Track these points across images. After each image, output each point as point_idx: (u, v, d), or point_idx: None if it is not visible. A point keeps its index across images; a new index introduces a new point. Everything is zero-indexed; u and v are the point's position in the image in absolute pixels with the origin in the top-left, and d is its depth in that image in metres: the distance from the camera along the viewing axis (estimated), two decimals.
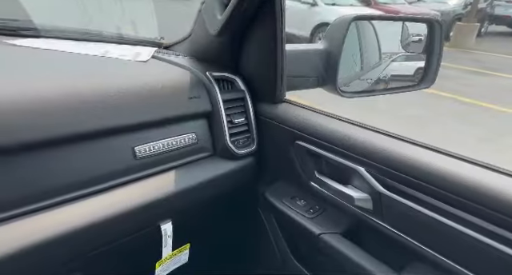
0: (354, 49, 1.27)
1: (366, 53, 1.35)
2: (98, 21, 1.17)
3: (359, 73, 1.33)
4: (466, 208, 0.62)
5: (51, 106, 0.68)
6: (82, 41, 0.98)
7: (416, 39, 1.19)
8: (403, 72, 1.42)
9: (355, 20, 1.03)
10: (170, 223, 0.87)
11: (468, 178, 0.62)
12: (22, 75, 0.71)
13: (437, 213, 0.66)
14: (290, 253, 1.01)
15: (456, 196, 0.63)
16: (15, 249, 0.62)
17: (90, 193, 0.73)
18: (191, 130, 0.91)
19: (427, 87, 1.08)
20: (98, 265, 0.80)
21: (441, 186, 0.65)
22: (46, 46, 0.88)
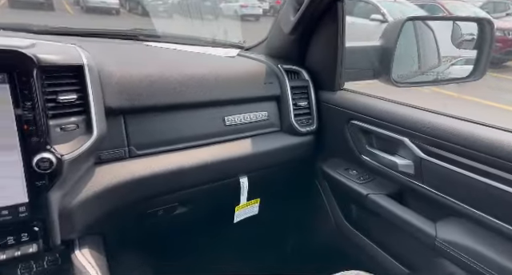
0: (411, 49, 1.41)
1: (423, 54, 1.48)
2: (200, 31, 1.52)
3: (416, 72, 1.45)
4: (496, 165, 0.74)
5: (176, 82, 0.98)
6: (190, 45, 1.32)
7: (469, 38, 1.29)
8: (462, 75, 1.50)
9: (409, 20, 1.19)
10: (246, 178, 1.11)
11: (502, 141, 0.74)
12: (157, 61, 1.04)
13: (471, 172, 0.79)
14: (342, 217, 1.18)
15: (486, 155, 0.75)
16: (148, 173, 0.91)
17: (195, 145, 1.01)
18: (264, 109, 1.16)
19: (476, 80, 1.17)
20: (194, 200, 1.07)
21: (474, 148, 0.78)
22: (167, 46, 1.23)
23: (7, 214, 0.70)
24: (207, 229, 1.28)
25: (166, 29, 1.36)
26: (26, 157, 0.70)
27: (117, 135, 0.88)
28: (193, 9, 14.07)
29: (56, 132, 0.75)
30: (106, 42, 1.16)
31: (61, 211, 0.76)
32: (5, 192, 0.70)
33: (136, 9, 13.51)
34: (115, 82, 0.86)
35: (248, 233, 1.28)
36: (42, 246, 0.74)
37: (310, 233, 1.36)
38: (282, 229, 1.41)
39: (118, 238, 0.94)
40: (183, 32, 1.41)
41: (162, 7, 13.39)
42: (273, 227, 1.28)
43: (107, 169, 0.86)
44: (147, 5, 13.16)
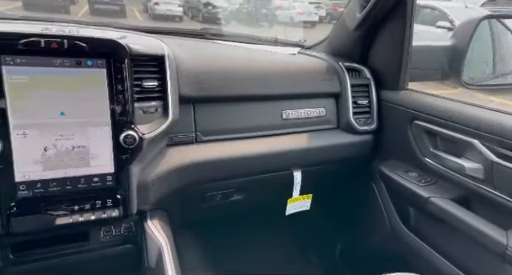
0: (486, 50, 1.32)
1: (500, 55, 1.37)
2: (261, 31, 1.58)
3: (490, 74, 1.35)
4: None
5: (241, 76, 1.03)
6: (252, 43, 1.38)
7: None
8: None
9: (486, 18, 1.11)
10: (300, 172, 1.12)
11: None
12: (224, 56, 1.11)
13: None
14: (398, 220, 1.13)
15: None
16: (210, 158, 0.97)
17: (253, 136, 1.05)
18: (322, 105, 1.16)
19: None
20: (249, 188, 1.11)
21: None
22: (232, 44, 1.30)
23: (98, 181, 0.81)
24: (259, 218, 1.31)
25: (230, 29, 1.44)
26: (115, 134, 0.80)
27: (186, 121, 0.96)
28: (250, 16, 14.51)
29: (139, 114, 0.85)
30: (179, 39, 1.26)
31: (138, 183, 0.86)
32: (97, 161, 0.80)
33: (197, 16, 14.33)
34: (189, 73, 0.94)
35: (298, 227, 1.28)
36: (122, 212, 0.83)
37: (362, 235, 1.32)
38: (332, 228, 1.39)
39: (179, 216, 1.02)
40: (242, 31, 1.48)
41: (221, 15, 14.05)
42: (323, 225, 1.27)
43: (177, 151, 0.95)
44: (207, 12, 13.88)
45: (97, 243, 0.88)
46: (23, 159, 0.74)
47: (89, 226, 0.87)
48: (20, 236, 0.78)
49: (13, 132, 0.72)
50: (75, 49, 0.75)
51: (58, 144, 0.78)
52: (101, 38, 0.80)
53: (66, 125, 0.77)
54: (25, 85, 0.73)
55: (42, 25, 0.86)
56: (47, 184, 0.77)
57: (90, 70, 0.78)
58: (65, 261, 0.85)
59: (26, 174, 0.75)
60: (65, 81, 0.77)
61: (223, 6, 14.19)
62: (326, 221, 1.35)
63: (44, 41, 0.73)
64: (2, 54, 0.70)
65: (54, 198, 0.78)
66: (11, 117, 0.72)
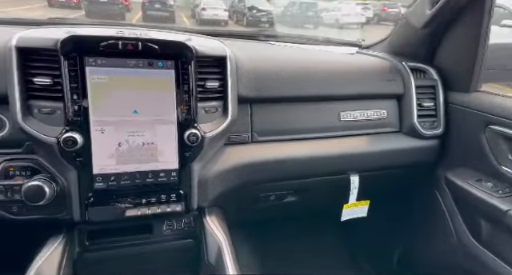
0: None
1: None
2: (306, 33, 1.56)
3: None
4: None
5: (298, 76, 1.02)
6: (307, 44, 1.37)
7: None
8: None
9: None
10: (357, 177, 1.08)
11: None
12: (281, 57, 1.11)
13: None
14: (467, 232, 1.03)
15: None
16: (265, 159, 0.97)
17: (310, 137, 1.04)
18: (383, 107, 1.11)
19: None
20: (304, 191, 1.10)
21: None
22: (289, 45, 1.30)
23: (163, 176, 0.85)
24: (311, 221, 1.29)
25: (283, 30, 1.44)
26: (179, 132, 0.84)
27: (243, 121, 0.97)
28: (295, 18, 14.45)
29: (201, 113, 0.87)
30: (235, 41, 1.29)
31: (199, 180, 0.89)
32: (164, 158, 0.84)
33: (242, 20, 14.60)
34: (247, 74, 0.95)
35: (351, 232, 1.24)
36: (184, 207, 0.86)
37: (423, 244, 1.23)
38: (390, 237, 1.32)
39: (234, 214, 1.03)
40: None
41: (265, 18, 14.18)
42: (378, 231, 1.21)
43: (234, 150, 0.96)
44: (251, 16, 14.08)
45: (159, 236, 0.92)
46: (100, 153, 0.80)
47: (153, 219, 0.91)
48: (94, 224, 0.84)
49: (92, 128, 0.78)
50: (147, 50, 0.80)
51: (130, 140, 0.82)
52: (171, 40, 0.84)
53: (137, 123, 0.82)
54: (104, 85, 0.79)
55: (115, 29, 0.92)
56: (119, 177, 0.82)
57: (160, 71, 0.82)
58: (131, 251, 0.90)
59: (102, 167, 0.81)
60: (138, 81, 0.82)
61: (268, 10, 14.30)
62: (382, 228, 1.28)
63: (121, 43, 0.78)
64: (86, 56, 0.76)
65: (124, 191, 0.83)
66: (92, 114, 0.78)
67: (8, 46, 0.74)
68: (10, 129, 0.79)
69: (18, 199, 0.76)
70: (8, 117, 0.79)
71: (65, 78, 0.75)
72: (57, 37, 0.75)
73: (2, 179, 0.77)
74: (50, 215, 0.80)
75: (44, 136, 0.75)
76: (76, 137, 0.76)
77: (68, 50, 0.74)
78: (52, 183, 0.78)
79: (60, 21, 1.13)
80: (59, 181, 0.79)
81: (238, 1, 15.00)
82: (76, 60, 0.75)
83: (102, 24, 1.08)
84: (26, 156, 0.80)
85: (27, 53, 0.75)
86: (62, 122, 0.77)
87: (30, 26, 0.97)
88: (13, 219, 0.77)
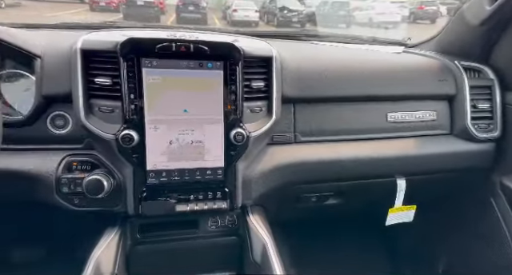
0: None
1: None
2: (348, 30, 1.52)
3: None
4: None
5: (343, 76, 1.01)
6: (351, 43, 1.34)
7: None
8: None
9: None
10: (404, 180, 1.05)
11: None
12: (325, 57, 1.10)
13: None
14: None
15: None
16: (308, 159, 0.97)
17: (355, 139, 1.02)
18: (432, 108, 1.06)
19: None
20: (346, 193, 1.08)
21: None
22: (332, 44, 1.28)
23: (210, 174, 0.87)
24: (353, 225, 1.26)
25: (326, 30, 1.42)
26: (226, 131, 0.85)
27: (286, 121, 0.98)
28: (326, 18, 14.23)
29: (246, 113, 0.89)
30: (278, 41, 1.29)
31: (243, 179, 0.90)
32: (210, 156, 0.87)
33: (272, 21, 14.61)
34: (292, 74, 0.95)
35: (396, 239, 1.20)
36: (229, 205, 0.88)
37: (474, 255, 1.16)
38: (437, 246, 1.26)
39: (274, 214, 1.03)
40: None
41: (296, 18, 14.09)
42: (426, 240, 1.16)
43: (276, 150, 0.96)
44: (282, 16, 14.05)
45: (205, 232, 0.95)
46: (153, 150, 0.84)
47: (199, 215, 0.93)
48: (146, 218, 0.88)
49: (147, 126, 0.82)
50: (198, 52, 0.82)
51: (181, 138, 0.85)
52: (220, 42, 0.86)
53: (187, 122, 0.85)
54: (158, 85, 0.82)
55: (166, 31, 0.96)
56: (170, 173, 0.85)
57: (209, 72, 0.85)
58: (178, 246, 0.93)
59: (155, 164, 0.84)
60: (189, 81, 0.84)
61: (299, 10, 14.19)
62: (428, 235, 1.23)
63: (175, 45, 0.80)
64: (143, 57, 0.80)
65: (174, 187, 0.86)
66: (147, 113, 0.82)
67: (73, 49, 0.79)
68: (72, 126, 0.85)
69: (80, 191, 0.81)
70: (71, 115, 0.84)
71: (123, 79, 0.79)
72: (116, 39, 0.79)
73: (66, 173, 0.82)
74: (106, 208, 0.84)
75: (103, 133, 0.80)
76: (133, 135, 0.80)
77: (126, 52, 0.78)
78: (109, 177, 0.82)
79: (112, 24, 1.19)
80: (116, 175, 0.84)
81: (270, 2, 15.02)
82: (134, 61, 0.79)
83: (151, 27, 1.12)
84: (86, 151, 0.85)
85: (90, 55, 0.80)
86: (119, 120, 0.81)
87: (88, 30, 1.03)
88: (74, 210, 0.83)
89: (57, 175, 0.81)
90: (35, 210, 0.86)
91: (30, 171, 0.80)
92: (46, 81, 0.81)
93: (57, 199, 0.81)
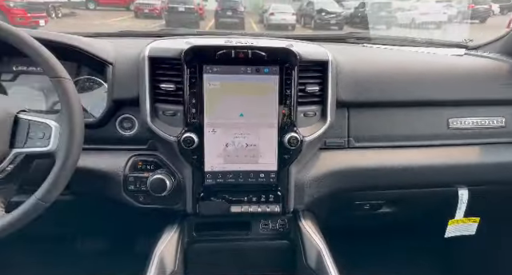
0: None
1: None
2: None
3: None
4: None
5: (400, 80, 0.98)
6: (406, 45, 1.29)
7: None
8: None
9: None
10: (467, 191, 0.99)
11: None
12: (380, 60, 1.07)
13: None
14: None
15: None
16: (362, 166, 0.95)
17: (413, 145, 0.98)
18: (500, 114, 0.99)
19: None
20: (402, 202, 1.04)
21: None
22: (384, 47, 1.24)
23: (263, 177, 0.88)
24: (408, 236, 1.21)
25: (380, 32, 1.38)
26: (280, 135, 0.86)
27: (340, 126, 0.96)
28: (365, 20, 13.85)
29: (300, 117, 0.89)
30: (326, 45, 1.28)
31: (296, 184, 0.90)
32: (264, 159, 0.88)
33: (309, 23, 14.49)
34: (347, 78, 0.94)
35: (455, 252, 1.13)
36: (281, 209, 0.89)
37: None
38: (500, 263, 1.17)
39: (324, 220, 1.02)
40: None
41: (333, 20, 13.85)
42: (488, 256, 1.08)
43: (329, 156, 0.95)
44: (320, 19, 13.88)
45: (256, 234, 0.96)
46: (211, 153, 0.86)
47: (251, 217, 0.95)
48: (202, 217, 0.91)
49: (206, 129, 0.85)
50: (256, 57, 0.84)
51: (236, 141, 0.87)
52: (277, 47, 0.87)
53: (243, 126, 0.87)
54: (217, 91, 0.85)
55: (222, 38, 0.99)
56: (225, 175, 0.88)
57: (266, 77, 0.86)
58: (231, 246, 0.95)
59: (212, 165, 0.87)
60: (246, 86, 0.86)
61: (337, 12, 13.95)
62: (490, 251, 1.14)
63: (234, 52, 0.83)
64: (204, 64, 0.83)
65: (229, 189, 0.88)
66: (206, 117, 0.85)
67: (142, 56, 0.85)
68: (138, 128, 0.90)
69: (144, 189, 0.86)
70: (137, 118, 0.90)
71: (186, 85, 0.82)
72: (180, 47, 0.83)
73: (133, 171, 0.88)
74: (167, 206, 0.89)
75: (167, 135, 0.84)
76: (193, 137, 0.83)
77: (189, 59, 0.82)
78: (171, 177, 0.87)
79: (169, 31, 1.25)
80: (176, 175, 0.88)
81: (307, 5, 14.92)
82: (196, 68, 0.83)
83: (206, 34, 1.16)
84: (150, 152, 0.90)
85: (156, 62, 0.85)
86: (181, 123, 0.85)
87: (149, 37, 1.10)
88: (138, 207, 0.88)
89: (124, 173, 0.87)
90: (104, 206, 0.92)
91: (102, 169, 0.86)
92: (117, 86, 0.87)
93: (124, 196, 0.87)
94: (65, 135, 0.65)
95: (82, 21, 12.82)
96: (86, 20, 12.83)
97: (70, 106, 0.66)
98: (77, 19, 13.40)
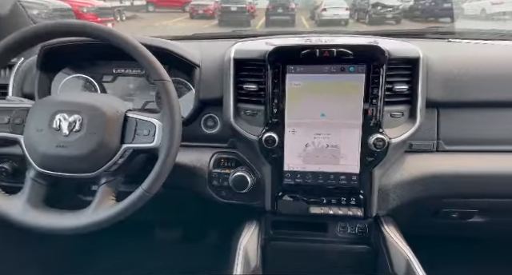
0: None
1: None
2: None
3: None
4: None
5: (496, 78, 0.89)
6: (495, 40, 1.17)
7: None
8: None
9: None
10: None
11: None
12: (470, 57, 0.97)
13: None
14: None
15: None
16: (452, 171, 0.88)
17: (509, 150, 0.88)
18: None
19: None
20: (494, 212, 0.95)
21: None
22: (474, 42, 1.13)
23: (344, 179, 0.86)
24: (504, 249, 1.10)
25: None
26: (364, 136, 0.83)
27: (428, 127, 0.90)
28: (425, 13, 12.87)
29: (386, 117, 0.85)
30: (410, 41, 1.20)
31: (379, 188, 0.87)
32: (345, 161, 0.86)
33: (363, 18, 13.87)
34: (438, 76, 0.88)
35: None
36: (363, 213, 0.86)
37: None
38: None
39: (406, 226, 0.97)
40: None
41: (390, 14, 13.08)
42: None
43: (416, 159, 0.90)
44: (375, 13, 13.21)
45: (333, 236, 0.95)
46: (290, 152, 0.87)
47: (328, 219, 0.94)
48: (279, 216, 0.91)
49: (286, 129, 0.85)
50: (341, 56, 0.82)
51: (316, 141, 0.86)
52: (364, 45, 0.84)
53: (324, 126, 0.85)
54: (299, 90, 0.85)
55: (301, 37, 0.98)
56: (304, 176, 0.88)
57: (351, 76, 0.83)
58: (308, 247, 0.95)
59: (291, 165, 0.88)
60: (329, 85, 0.85)
61: (394, 5, 13.15)
62: None
63: (318, 51, 0.82)
64: (287, 64, 0.83)
65: (307, 189, 0.88)
66: (286, 117, 0.85)
67: (227, 58, 0.88)
68: (220, 127, 0.94)
69: (226, 185, 0.89)
70: (219, 117, 0.93)
71: (269, 85, 0.83)
72: (264, 48, 0.84)
73: (216, 168, 0.91)
74: (247, 202, 0.91)
75: (249, 134, 0.86)
76: (274, 137, 0.84)
77: (273, 60, 0.83)
78: (251, 174, 0.89)
79: (241, 33, 1.28)
80: (256, 173, 0.90)
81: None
82: (279, 68, 0.83)
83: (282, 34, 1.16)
84: (230, 150, 0.94)
85: (240, 63, 0.87)
86: (261, 123, 0.87)
87: (223, 39, 1.13)
88: (221, 202, 0.92)
89: (209, 169, 0.91)
90: (190, 199, 0.98)
91: (189, 164, 0.91)
92: (203, 87, 0.91)
93: (208, 190, 0.91)
94: (166, 132, 0.70)
95: (143, 23, 13.72)
96: (147, 22, 13.71)
97: (171, 106, 0.70)
98: (138, 21, 14.37)
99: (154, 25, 12.54)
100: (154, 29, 11.42)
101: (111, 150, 0.70)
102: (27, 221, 0.69)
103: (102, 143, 0.69)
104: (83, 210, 0.70)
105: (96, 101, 0.72)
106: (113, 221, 0.68)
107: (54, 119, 0.70)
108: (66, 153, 0.69)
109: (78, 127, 0.69)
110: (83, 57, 0.98)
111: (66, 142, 0.68)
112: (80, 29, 0.71)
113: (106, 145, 0.69)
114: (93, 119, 0.69)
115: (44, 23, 0.72)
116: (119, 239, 1.24)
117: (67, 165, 0.70)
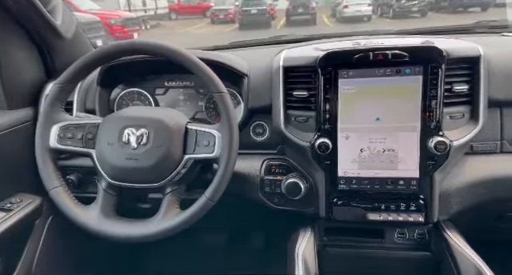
0: None
1: None
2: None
3: None
4: None
5: None
6: None
7: None
8: None
9: None
10: None
11: None
12: None
13: None
14: None
15: None
16: None
17: None
18: None
19: None
20: None
21: None
22: None
23: (403, 184, 0.84)
24: None
25: None
26: (422, 139, 0.80)
27: (490, 127, 0.86)
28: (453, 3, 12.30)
29: (446, 119, 0.81)
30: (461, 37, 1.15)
31: (440, 192, 0.83)
32: (404, 165, 0.83)
33: (387, 13, 13.51)
34: (500, 74, 0.83)
35: None
36: (424, 218, 0.83)
37: None
38: None
39: (466, 230, 0.93)
40: None
41: (415, 7, 12.64)
42: None
43: (477, 161, 0.86)
44: (399, 7, 12.81)
45: (391, 243, 0.92)
46: (344, 158, 0.85)
47: (385, 225, 0.91)
48: (333, 222, 0.90)
49: (339, 135, 0.84)
50: (396, 59, 0.79)
51: (372, 146, 0.84)
52: (421, 46, 0.81)
53: (379, 130, 0.83)
54: (352, 95, 0.83)
55: (349, 40, 0.96)
56: (360, 181, 0.86)
57: (407, 78, 0.81)
58: (365, 254, 0.93)
59: (345, 171, 0.86)
60: (384, 89, 0.82)
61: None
62: None
63: (372, 55, 0.80)
64: (339, 69, 0.82)
65: (364, 195, 0.86)
66: (339, 122, 0.84)
67: (276, 66, 0.88)
68: (269, 134, 0.94)
69: (278, 192, 0.89)
70: (268, 124, 0.94)
71: (320, 91, 0.83)
72: (314, 54, 0.84)
73: (268, 174, 0.92)
74: (300, 208, 0.91)
75: (300, 141, 0.86)
76: (328, 143, 0.83)
77: (324, 65, 0.82)
78: (304, 181, 0.88)
79: (278, 38, 1.27)
80: (309, 179, 0.89)
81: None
82: (331, 74, 0.82)
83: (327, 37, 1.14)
84: (280, 156, 0.93)
85: (289, 70, 0.87)
86: (312, 129, 0.86)
87: (257, 47, 1.12)
88: (274, 208, 0.92)
89: (261, 176, 0.91)
90: (242, 205, 0.99)
91: (242, 172, 0.92)
92: (252, 96, 0.92)
93: (261, 197, 0.92)
94: (226, 142, 0.71)
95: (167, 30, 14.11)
96: (170, 29, 14.08)
97: (230, 118, 0.71)
98: (162, 29, 14.80)
99: (178, 32, 12.84)
100: (178, 36, 11.68)
101: (175, 161, 0.72)
102: (104, 230, 0.72)
103: (167, 155, 0.71)
104: (151, 219, 0.72)
105: (159, 114, 0.75)
106: (178, 230, 0.70)
107: (123, 133, 0.73)
108: (135, 165, 0.71)
109: (145, 140, 0.72)
110: (136, 73, 1.02)
111: (134, 155, 0.71)
112: (151, 48, 0.74)
113: (170, 157, 0.71)
114: (158, 132, 0.72)
115: (117, 43, 0.76)
116: (169, 245, 1.27)
117: (136, 176, 0.73)
